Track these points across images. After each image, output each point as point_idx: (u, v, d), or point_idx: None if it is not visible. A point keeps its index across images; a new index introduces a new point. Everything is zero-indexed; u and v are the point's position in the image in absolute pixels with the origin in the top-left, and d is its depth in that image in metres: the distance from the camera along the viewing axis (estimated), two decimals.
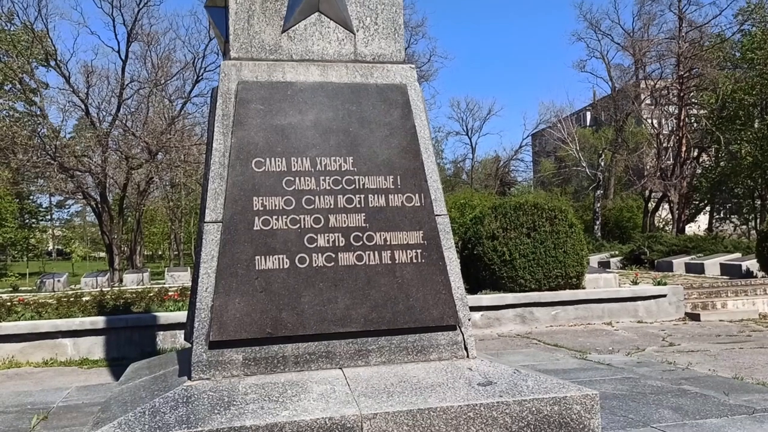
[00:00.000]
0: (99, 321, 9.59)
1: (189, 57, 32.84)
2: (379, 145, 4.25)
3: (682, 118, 37.63)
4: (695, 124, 39.33)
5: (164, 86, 31.95)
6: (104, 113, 30.21)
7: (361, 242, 4.04)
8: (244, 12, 4.36)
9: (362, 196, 4.12)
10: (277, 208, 3.97)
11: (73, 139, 32.18)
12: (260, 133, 4.09)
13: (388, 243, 4.07)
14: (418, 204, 4.20)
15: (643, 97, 41.31)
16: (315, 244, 3.97)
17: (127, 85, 30.02)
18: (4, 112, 32.07)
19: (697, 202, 42.07)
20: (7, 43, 28.83)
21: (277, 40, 4.41)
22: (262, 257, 3.87)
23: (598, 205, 41.80)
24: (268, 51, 4.38)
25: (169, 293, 12.23)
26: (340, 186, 4.11)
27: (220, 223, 3.90)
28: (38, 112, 30.21)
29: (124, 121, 29.68)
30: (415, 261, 4.08)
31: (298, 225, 3.98)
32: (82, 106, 28.94)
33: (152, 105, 31.10)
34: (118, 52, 30.52)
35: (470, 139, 62.89)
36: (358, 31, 4.55)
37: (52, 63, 29.27)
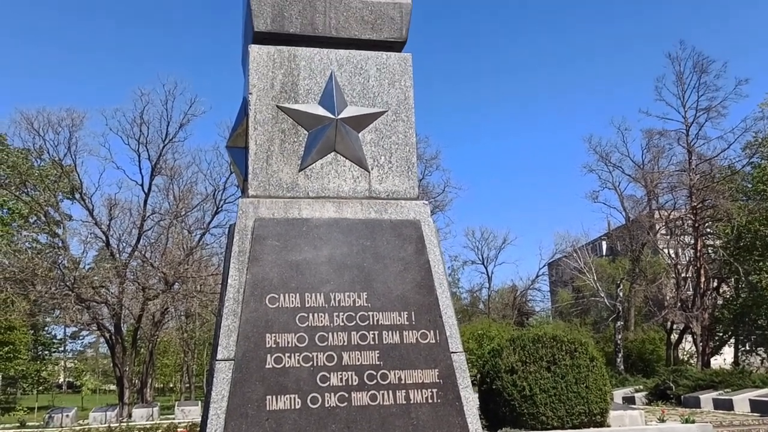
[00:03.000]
0: None
1: (209, 189, 33.72)
2: (393, 281, 4.24)
3: (699, 248, 37.52)
4: (713, 255, 39.14)
5: (184, 218, 32.67)
6: (124, 244, 30.73)
7: (375, 381, 3.93)
8: (263, 152, 4.52)
9: (376, 332, 4.07)
10: (289, 345, 3.91)
11: (92, 270, 32.55)
12: (275, 269, 4.11)
13: (403, 382, 3.96)
14: (433, 341, 4.12)
15: (657, 227, 41.44)
16: (328, 383, 3.87)
17: (148, 216, 30.70)
18: (27, 243, 32.72)
19: (720, 334, 41.06)
20: (35, 178, 29.89)
21: (294, 179, 4.53)
22: (274, 397, 3.76)
23: (620, 336, 40.85)
24: (285, 189, 4.49)
25: (178, 430, 11.86)
26: (354, 322, 4.07)
27: (232, 361, 3.83)
28: (60, 244, 30.79)
29: (143, 252, 30.09)
30: (430, 401, 3.95)
31: (311, 363, 3.90)
32: (103, 238, 29.48)
33: (171, 236, 31.66)
34: (142, 185, 31.48)
35: (486, 268, 62.65)
36: (372, 169, 4.68)
37: (77, 196, 30.16)
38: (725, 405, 20.01)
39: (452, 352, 4.15)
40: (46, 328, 52.17)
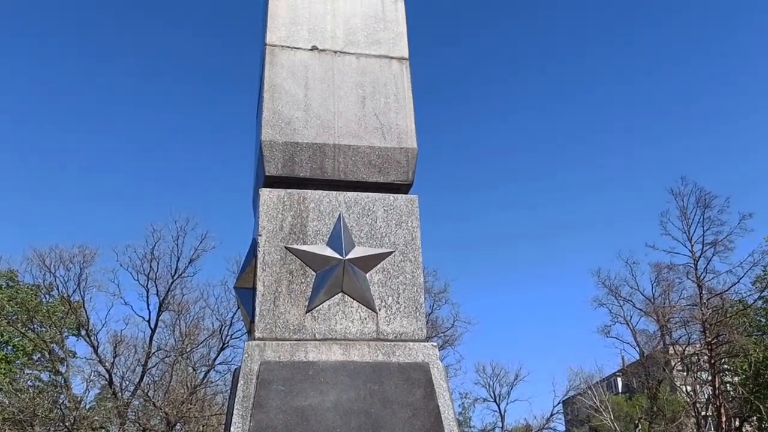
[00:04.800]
0: None
1: (216, 325, 33.40)
2: (402, 428, 4.10)
3: (717, 385, 36.36)
4: (732, 393, 37.86)
5: (189, 354, 32.15)
6: (127, 382, 30.10)
7: None
8: (270, 294, 4.51)
9: None
10: None
11: (93, 410, 31.68)
12: (279, 415, 3.99)
13: None
14: None
15: (673, 363, 40.41)
16: None
17: (153, 353, 30.27)
18: (30, 382, 32.08)
19: None
20: (43, 314, 29.82)
21: (301, 320, 4.50)
22: None
23: None
24: (291, 331, 4.45)
25: None
26: None
27: None
28: (62, 382, 30.18)
29: (146, 391, 29.41)
30: None
31: None
32: (107, 376, 28.94)
33: (176, 373, 31.03)
34: (149, 321, 31.25)
35: (498, 406, 60.43)
36: (380, 310, 4.65)
37: (83, 332, 29.94)
38: None
39: None
40: None
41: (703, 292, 37.13)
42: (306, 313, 4.53)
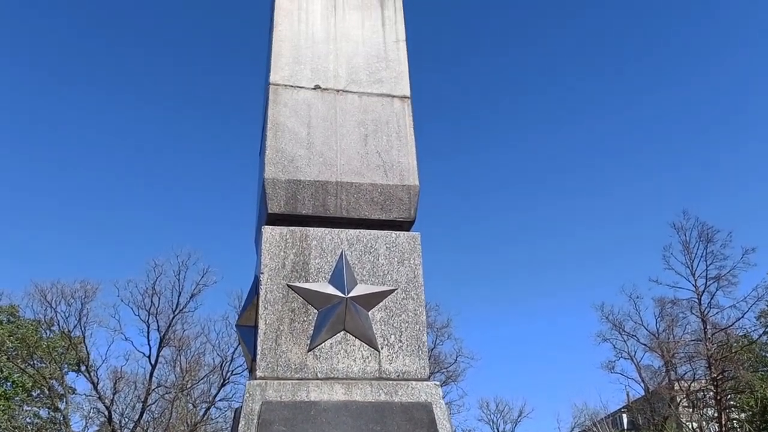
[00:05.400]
0: None
1: (217, 360, 33.12)
2: None
3: (723, 422, 35.87)
4: (738, 429, 37.33)
5: (190, 390, 31.84)
6: (126, 419, 29.79)
7: None
8: (272, 332, 4.49)
9: None
10: None
11: None
12: None
13: None
14: None
15: (678, 399, 39.92)
16: None
17: (153, 390, 29.99)
18: (28, 419, 31.73)
19: None
20: (43, 350, 29.63)
21: (303, 359, 4.46)
22: None
23: None
24: (293, 370, 4.42)
25: None
26: None
27: None
28: (61, 419, 29.86)
29: (145, 428, 29.09)
30: None
31: None
32: (106, 413, 28.66)
33: (176, 410, 30.69)
34: (149, 357, 31.04)
35: None
36: (382, 348, 4.62)
37: (83, 368, 29.72)
38: None
39: None
40: None
41: (708, 327, 36.82)
42: (308, 351, 4.50)
